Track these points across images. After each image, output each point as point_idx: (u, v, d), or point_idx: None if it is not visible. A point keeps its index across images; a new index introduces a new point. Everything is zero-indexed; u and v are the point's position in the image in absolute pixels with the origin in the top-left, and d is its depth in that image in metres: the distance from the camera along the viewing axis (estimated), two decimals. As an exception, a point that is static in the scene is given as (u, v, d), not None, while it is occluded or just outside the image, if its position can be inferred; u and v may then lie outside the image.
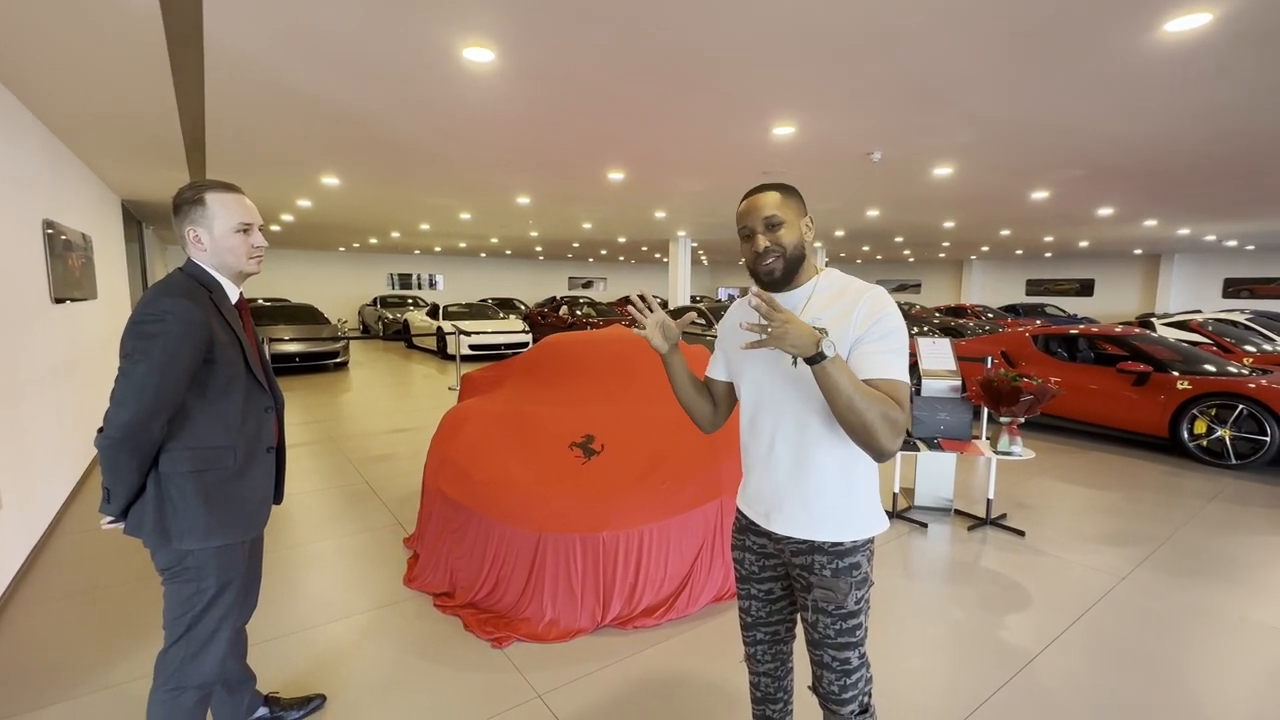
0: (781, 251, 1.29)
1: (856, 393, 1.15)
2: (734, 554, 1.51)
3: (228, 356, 1.46)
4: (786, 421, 1.32)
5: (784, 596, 1.47)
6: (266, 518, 1.61)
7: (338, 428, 6.03)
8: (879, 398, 1.17)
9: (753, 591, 1.48)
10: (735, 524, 1.52)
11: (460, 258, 21.85)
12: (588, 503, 2.61)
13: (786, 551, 1.36)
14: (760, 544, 1.43)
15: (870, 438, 1.16)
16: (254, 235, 1.55)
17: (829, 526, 1.30)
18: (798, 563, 1.35)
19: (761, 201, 1.30)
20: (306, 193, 7.28)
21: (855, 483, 1.31)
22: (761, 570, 1.45)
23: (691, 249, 15.56)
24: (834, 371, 1.14)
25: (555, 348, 3.82)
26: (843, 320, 1.26)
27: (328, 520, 3.67)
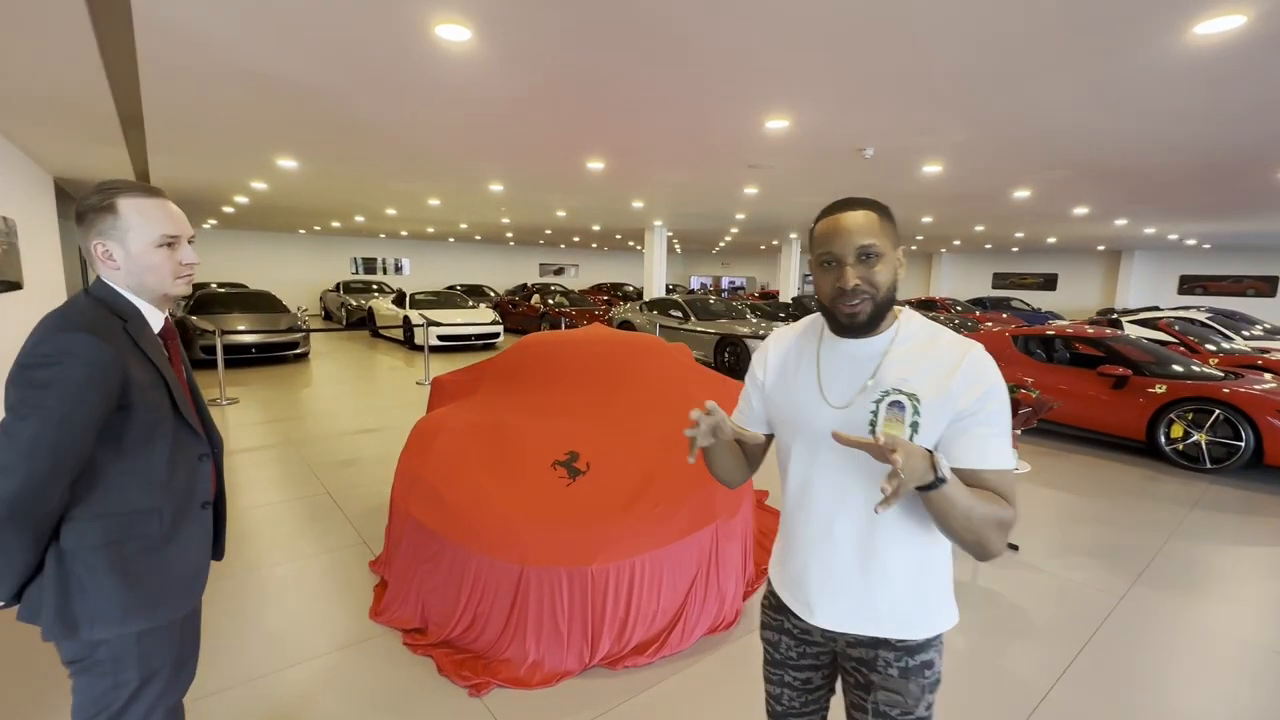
0: (873, 293, 1.03)
1: (974, 508, 0.95)
2: (765, 635, 1.30)
3: (149, 400, 1.18)
4: (852, 503, 1.09)
5: (824, 686, 1.28)
6: (203, 586, 1.35)
7: (297, 428, 5.66)
8: (992, 501, 0.98)
9: (787, 679, 1.27)
10: (768, 600, 1.31)
11: (428, 242, 21.16)
12: (574, 531, 2.39)
13: (840, 641, 1.17)
14: (803, 629, 1.22)
15: (982, 549, 0.98)
16: (182, 250, 1.26)
17: (895, 622, 1.10)
18: (854, 655, 1.15)
19: (853, 224, 1.03)
20: (261, 174, 6.79)
21: (932, 574, 1.11)
22: (801, 657, 1.24)
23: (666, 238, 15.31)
24: (951, 493, 0.93)
25: (533, 349, 3.57)
26: (938, 386, 1.02)
27: (285, 539, 3.37)
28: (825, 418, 1.09)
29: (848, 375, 1.09)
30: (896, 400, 1.02)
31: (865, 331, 1.08)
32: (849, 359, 1.10)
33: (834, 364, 1.12)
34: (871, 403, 1.05)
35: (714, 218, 10.61)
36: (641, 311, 10.87)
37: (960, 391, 1.01)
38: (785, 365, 1.21)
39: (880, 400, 1.04)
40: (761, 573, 3.07)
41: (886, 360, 1.07)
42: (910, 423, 1.01)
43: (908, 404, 1.02)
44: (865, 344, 1.09)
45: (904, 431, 1.01)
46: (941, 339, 1.07)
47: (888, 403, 1.03)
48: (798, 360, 1.18)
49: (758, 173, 6.01)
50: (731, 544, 2.69)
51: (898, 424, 1.02)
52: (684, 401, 3.33)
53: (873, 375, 1.06)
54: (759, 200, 8.04)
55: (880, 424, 1.03)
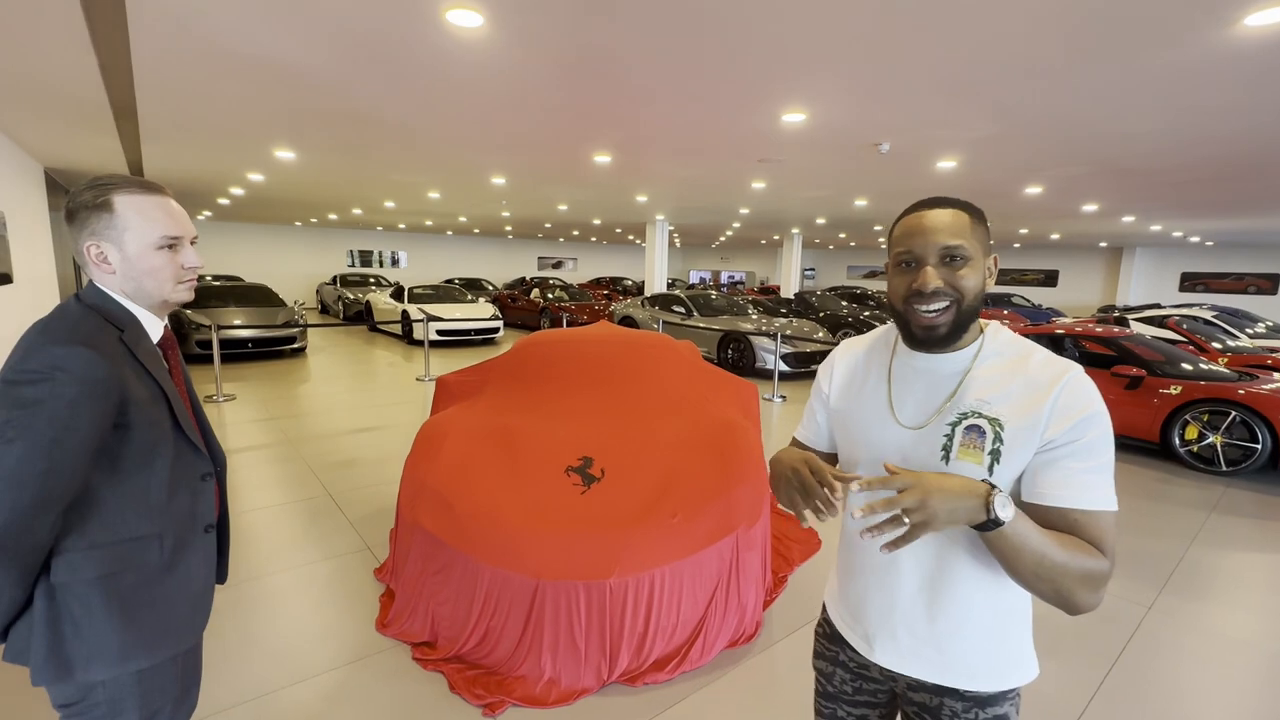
0: (958, 298, 0.92)
1: (1047, 555, 0.84)
2: (818, 665, 1.22)
3: (148, 417, 1.07)
4: (913, 547, 0.98)
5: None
6: (206, 617, 1.24)
7: (296, 426, 5.54)
8: (1075, 548, 0.85)
9: (839, 714, 1.19)
10: (822, 629, 1.22)
11: (425, 235, 20.97)
12: (591, 542, 2.29)
13: (901, 682, 1.08)
14: (861, 666, 1.13)
15: (1063, 601, 0.86)
16: (184, 253, 1.15)
17: (964, 671, 0.99)
18: (917, 700, 1.06)
19: (940, 222, 0.92)
20: (257, 166, 6.64)
21: (1009, 621, 1.00)
22: (856, 693, 1.16)
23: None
24: (1015, 535, 0.83)
25: (540, 348, 3.45)
26: (1026, 409, 0.90)
27: (287, 545, 3.26)
28: (895, 438, 0.99)
29: (923, 393, 0.99)
30: (976, 424, 0.92)
31: (944, 345, 0.96)
32: (925, 375, 1.00)
33: (907, 380, 1.02)
34: (947, 425, 0.94)
35: (717, 212, 10.49)
36: (644, 307, 10.75)
37: (1051, 417, 0.88)
38: (853, 378, 1.11)
39: (957, 423, 0.93)
40: (780, 581, 2.98)
41: (969, 379, 0.95)
42: (990, 450, 0.90)
43: (989, 429, 0.91)
44: (944, 359, 0.98)
45: (982, 460, 0.91)
46: (1034, 357, 0.95)
47: (965, 426, 0.92)
48: (865, 373, 1.08)
49: (767, 167, 5.89)
50: (752, 553, 2.59)
51: (975, 450, 0.91)
52: (697, 403, 3.23)
53: (951, 395, 0.95)
54: (765, 195, 7.92)
55: (955, 450, 0.93)
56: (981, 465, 0.90)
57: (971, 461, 0.91)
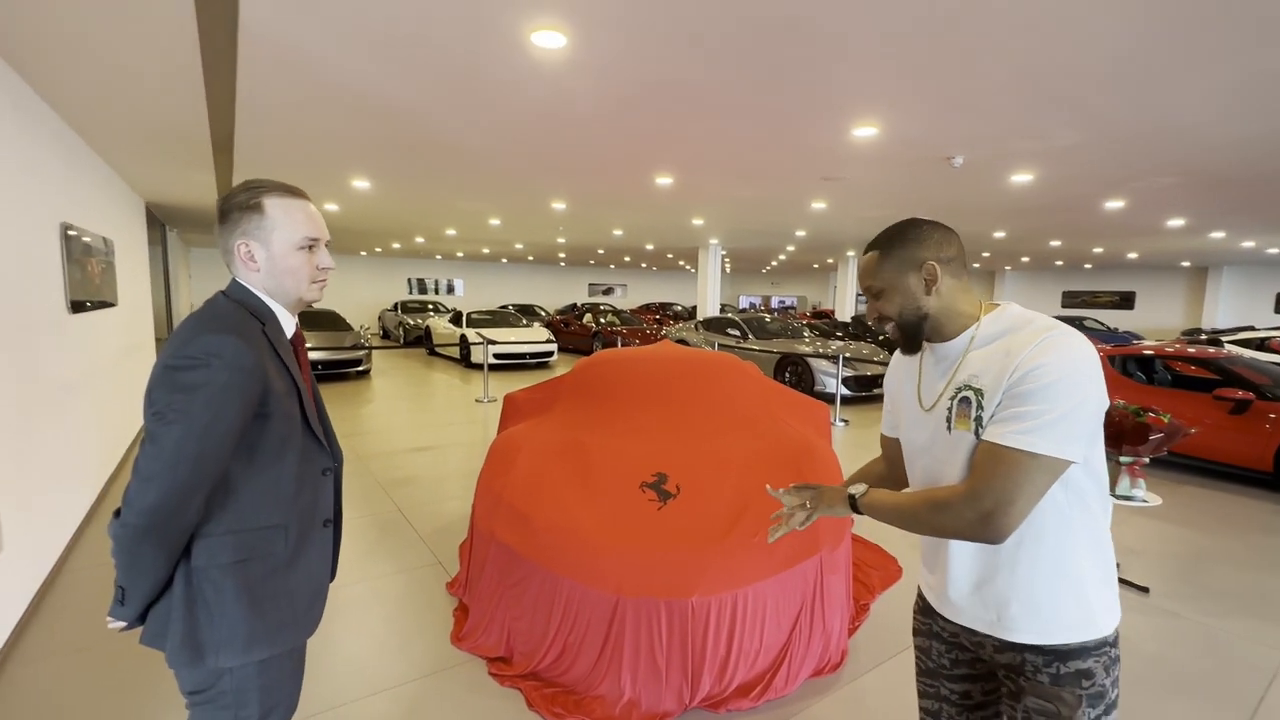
0: (891, 320, 1.12)
1: (899, 504, 1.09)
2: (917, 641, 1.27)
3: (284, 409, 1.10)
4: None
5: (986, 704, 1.19)
6: (322, 610, 1.25)
7: (363, 444, 5.71)
8: (923, 495, 1.05)
9: (943, 691, 1.21)
10: (918, 603, 1.28)
11: (481, 263, 21.66)
12: (671, 559, 2.23)
13: (987, 645, 1.09)
14: (953, 634, 1.17)
15: (942, 530, 1.01)
16: (320, 254, 1.19)
17: (1028, 626, 1.03)
18: (1003, 661, 1.08)
19: (861, 269, 1.17)
20: (335, 196, 7.01)
21: (1067, 573, 1.02)
22: (954, 665, 1.19)
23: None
24: (873, 502, 1.11)
25: (605, 367, 3.45)
26: (1001, 375, 1.00)
27: (361, 557, 3.32)
28: (919, 419, 1.15)
29: (936, 377, 1.14)
30: (965, 396, 1.04)
31: (933, 341, 1.13)
32: (937, 362, 1.14)
33: (929, 368, 1.17)
34: (949, 400, 1.08)
35: (773, 234, 10.42)
36: (697, 330, 10.71)
37: (1013, 374, 0.97)
38: (900, 371, 1.27)
39: (954, 397, 1.06)
40: (863, 609, 2.82)
41: (965, 360, 1.08)
42: (975, 416, 1.02)
43: (973, 399, 1.03)
44: (947, 347, 1.12)
45: (970, 426, 1.02)
46: (1026, 330, 1.01)
47: (959, 399, 1.05)
48: (909, 366, 1.23)
49: (828, 186, 5.82)
50: (836, 577, 2.47)
51: (965, 419, 1.04)
52: (770, 421, 3.14)
53: (951, 375, 1.09)
54: (824, 216, 7.82)
55: (954, 420, 1.06)
56: (969, 430, 1.02)
57: (963, 428, 1.03)
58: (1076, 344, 0.96)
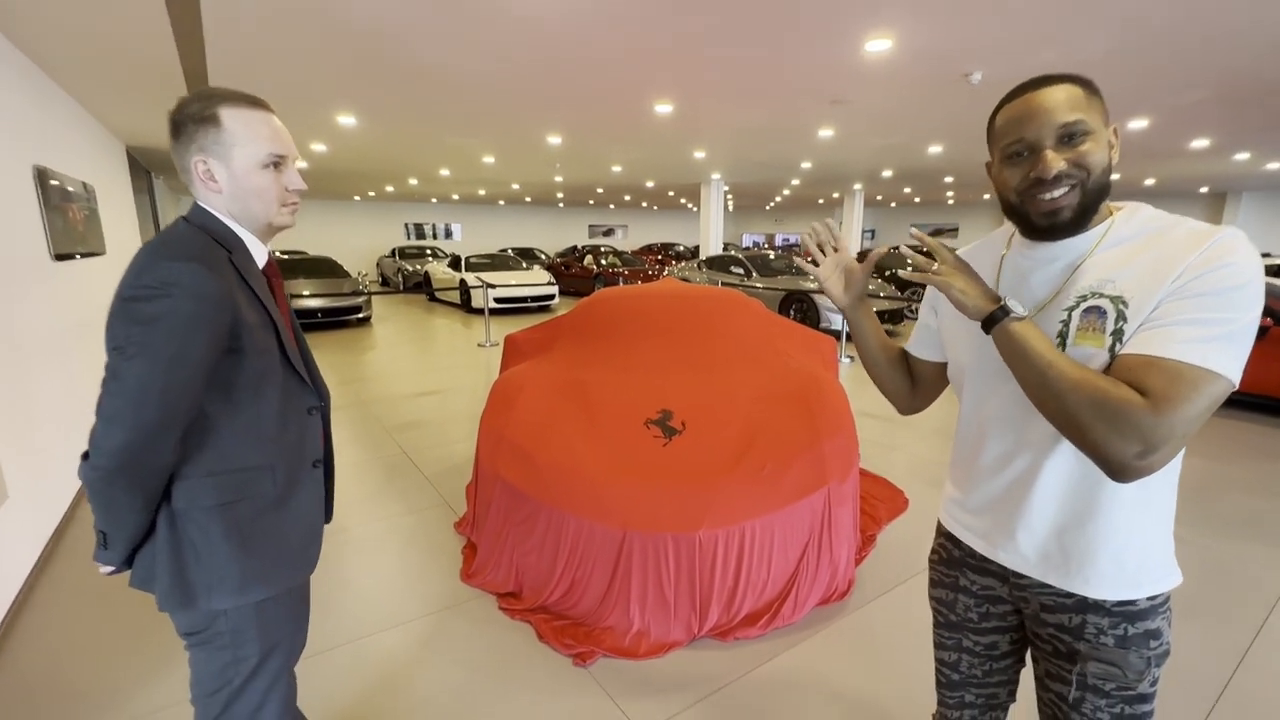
0: (1082, 177, 0.84)
1: (1055, 365, 0.79)
2: (936, 594, 1.15)
3: (259, 343, 1.03)
4: (1035, 437, 0.92)
5: (1011, 653, 1.10)
6: (318, 551, 1.21)
7: (366, 390, 5.70)
8: (1096, 375, 0.78)
9: (965, 644, 1.11)
10: (937, 554, 1.15)
11: (477, 206, 21.16)
12: (678, 494, 2.20)
13: (1034, 602, 0.98)
14: (986, 587, 1.06)
15: (1081, 436, 0.78)
16: (288, 173, 1.08)
17: (1104, 578, 0.90)
18: (1052, 621, 0.96)
19: (1052, 100, 0.84)
20: (321, 135, 6.72)
21: (1151, 517, 0.89)
22: (983, 619, 1.08)
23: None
24: (1020, 337, 0.82)
25: (607, 304, 3.36)
26: (1157, 279, 0.79)
27: (370, 499, 3.34)
28: (987, 344, 0.91)
29: (1036, 283, 0.92)
30: (1095, 305, 0.84)
31: (1067, 231, 0.88)
32: (1038, 265, 0.93)
33: (1019, 272, 0.96)
34: (1063, 310, 0.87)
35: (777, 167, 10.05)
36: (700, 270, 10.52)
37: (1180, 273, 0.77)
38: None
39: (1074, 307, 0.86)
40: (869, 540, 2.83)
41: (1088, 263, 0.87)
42: (1113, 330, 0.82)
43: (1110, 308, 0.82)
44: (1062, 246, 0.90)
45: (1104, 341, 0.82)
46: (1180, 229, 0.82)
47: (1083, 309, 0.85)
48: (978, 269, 0.99)
49: (837, 112, 5.52)
50: (843, 509, 2.45)
51: (1095, 333, 0.83)
52: (776, 356, 3.07)
53: (1066, 280, 0.88)
54: (830, 146, 7.49)
55: (1072, 334, 0.85)
56: (1103, 347, 0.82)
57: (1091, 344, 0.83)
58: (1252, 248, 0.79)
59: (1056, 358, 0.80)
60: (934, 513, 3.14)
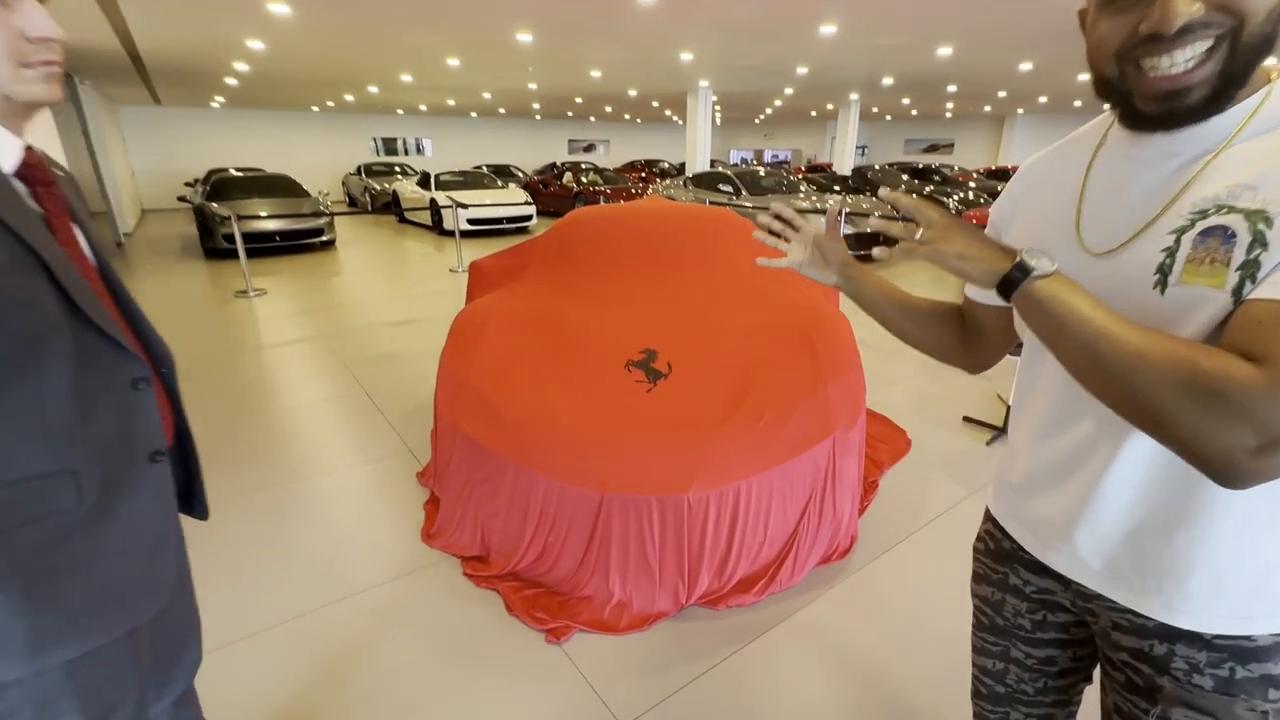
0: (1229, 28, 0.54)
1: (1105, 334, 0.56)
2: (980, 591, 0.93)
3: (12, 293, 0.66)
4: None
5: (1075, 671, 0.88)
6: (171, 576, 0.89)
7: (330, 321, 5.27)
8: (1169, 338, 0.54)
9: (1015, 654, 0.89)
10: (983, 542, 0.93)
11: (449, 119, 19.75)
12: (663, 449, 1.91)
13: (1104, 617, 0.75)
14: (1043, 590, 0.83)
15: (1163, 430, 0.54)
16: (24, 12, 0.67)
17: (1202, 606, 0.65)
18: (1129, 646, 0.73)
19: None
20: (253, 28, 5.88)
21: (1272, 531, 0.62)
22: (1038, 628, 0.85)
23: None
24: (1050, 300, 0.59)
25: (585, 225, 2.95)
26: None
27: (323, 447, 3.02)
28: (1081, 274, 0.64)
29: (1137, 194, 0.64)
30: (1220, 224, 0.56)
31: (1194, 117, 0.58)
32: (1143, 166, 0.64)
33: (1113, 179, 0.67)
34: (1169, 235, 0.60)
35: (771, 73, 9.23)
36: (686, 188, 9.88)
37: None
38: (1037, 192, 0.78)
39: (1188, 227, 0.58)
40: (871, 486, 2.60)
41: (1222, 157, 0.58)
42: (1241, 264, 0.54)
43: (1244, 228, 0.54)
44: (1186, 136, 0.60)
45: (1226, 279, 0.55)
46: None
47: (1200, 231, 0.57)
48: (1056, 183, 0.74)
49: (841, 4, 4.87)
50: (849, 459, 2.19)
51: (1214, 270, 0.56)
52: (775, 286, 2.72)
53: (1184, 188, 0.60)
54: (831, 46, 6.78)
55: (1179, 269, 0.58)
56: (1223, 287, 0.55)
57: (1205, 283, 0.56)
58: None
59: (1109, 323, 0.56)
60: (938, 455, 2.92)
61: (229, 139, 16.06)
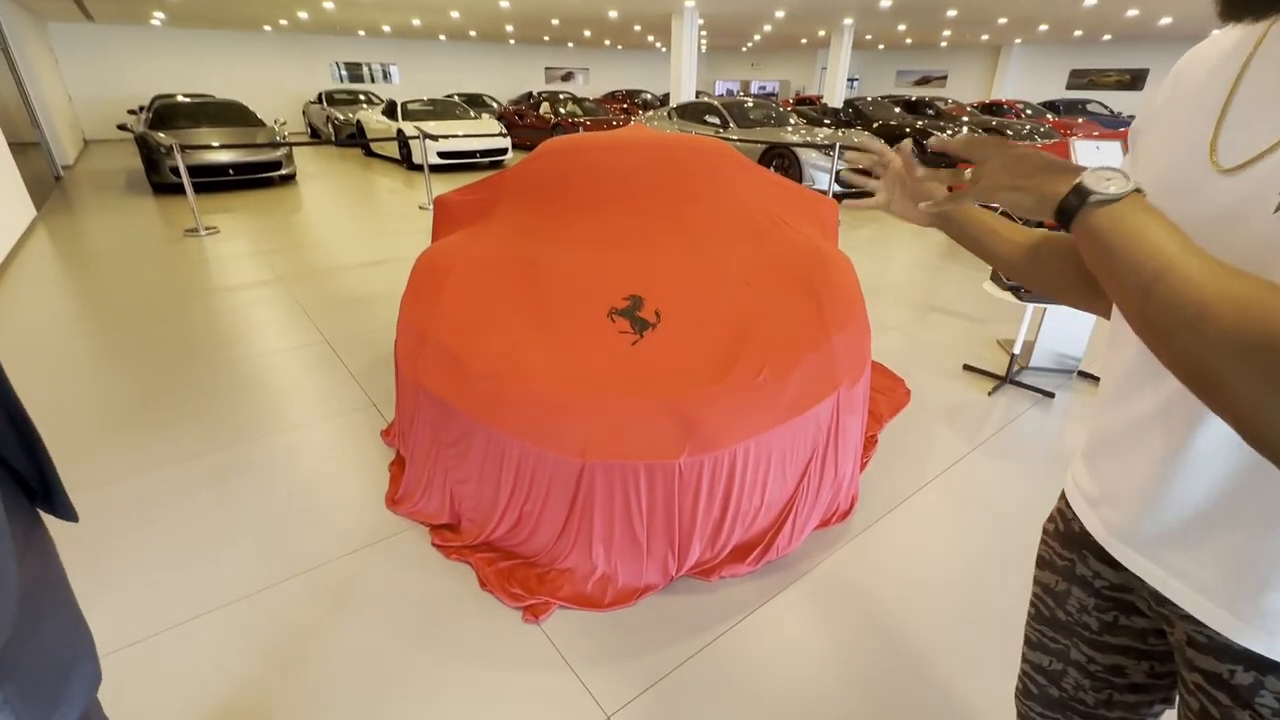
0: None
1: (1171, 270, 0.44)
2: (1043, 578, 0.81)
3: None
4: None
5: (1151, 687, 0.74)
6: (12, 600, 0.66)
7: (288, 262, 4.88)
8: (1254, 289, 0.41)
9: (1074, 655, 0.77)
10: (1054, 522, 0.80)
11: (417, 42, 18.39)
12: (652, 409, 1.70)
13: (1179, 627, 0.62)
14: (1116, 585, 0.71)
15: (1231, 404, 0.41)
16: None
17: None
18: (1202, 666, 0.60)
19: None
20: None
21: None
22: (1106, 631, 0.73)
23: (695, 28, 12.91)
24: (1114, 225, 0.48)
25: (563, 156, 2.63)
26: None
27: (276, 402, 2.77)
28: (1201, 194, 0.54)
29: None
30: None
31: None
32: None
33: (1263, 84, 0.52)
34: None
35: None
36: (671, 119, 9.33)
37: None
38: (1183, 92, 0.61)
39: None
40: (871, 441, 2.44)
41: None
42: None
43: None
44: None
45: None
46: None
47: None
48: (1206, 83, 0.58)
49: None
50: (853, 417, 2.01)
51: None
52: (772, 224, 2.46)
53: None
54: (829, -41, 6.21)
55: None
56: None
57: None
58: None
59: (1178, 259, 0.45)
60: (939, 406, 2.77)
61: (176, 62, 14.80)
